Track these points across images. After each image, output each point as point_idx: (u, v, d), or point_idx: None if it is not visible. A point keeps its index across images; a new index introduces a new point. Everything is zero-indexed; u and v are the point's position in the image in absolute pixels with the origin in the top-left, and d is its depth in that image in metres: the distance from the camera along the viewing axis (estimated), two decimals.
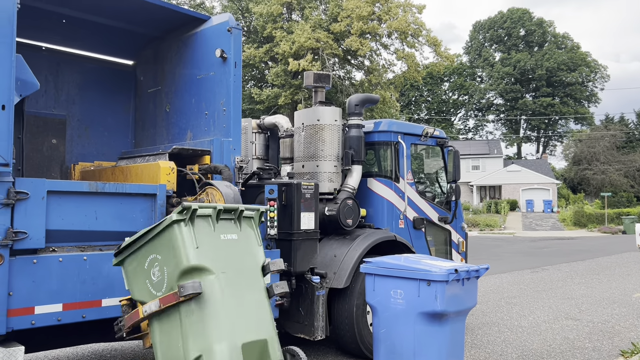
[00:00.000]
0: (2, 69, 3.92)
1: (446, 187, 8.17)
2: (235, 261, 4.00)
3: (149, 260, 3.89)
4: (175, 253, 3.73)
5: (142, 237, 3.93)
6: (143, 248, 3.93)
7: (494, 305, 10.22)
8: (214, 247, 3.89)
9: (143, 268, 3.93)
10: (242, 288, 3.95)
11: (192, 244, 3.75)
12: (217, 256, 3.87)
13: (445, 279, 4.83)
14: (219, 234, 3.98)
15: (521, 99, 70.34)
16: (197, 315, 3.65)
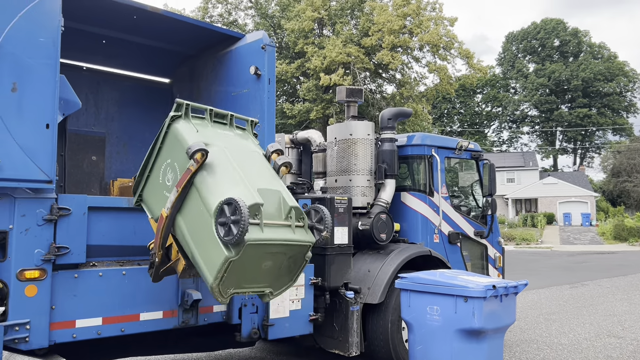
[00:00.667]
0: (47, 90, 4.06)
1: (481, 200, 8.05)
2: (236, 144, 4.27)
3: (162, 171, 4.13)
4: (181, 143, 3.94)
5: (149, 156, 4.23)
6: (155, 165, 4.20)
7: (532, 321, 9.97)
8: (213, 134, 4.18)
9: (158, 183, 4.16)
10: (247, 159, 4.19)
11: (193, 129, 4.06)
12: (218, 138, 4.15)
13: (482, 295, 4.76)
14: (216, 129, 4.29)
15: (556, 110, 69.04)
16: (211, 178, 3.81)
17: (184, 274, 4.11)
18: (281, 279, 4.09)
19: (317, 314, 5.71)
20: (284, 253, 3.92)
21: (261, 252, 3.73)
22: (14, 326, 3.87)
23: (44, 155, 4.01)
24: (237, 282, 3.76)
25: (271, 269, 3.93)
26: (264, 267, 3.86)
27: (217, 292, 3.67)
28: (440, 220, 7.20)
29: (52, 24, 4.12)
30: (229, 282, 3.68)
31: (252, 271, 3.81)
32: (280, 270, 4.01)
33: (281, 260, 3.95)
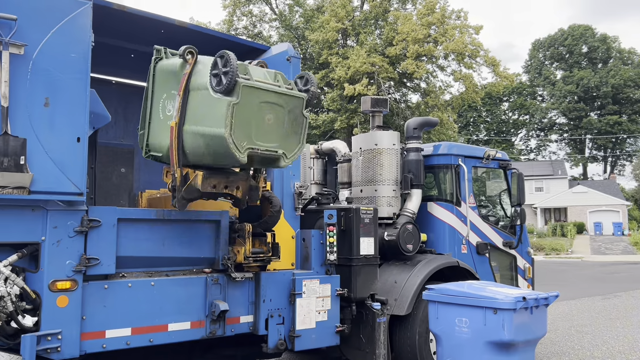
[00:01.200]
0: (78, 104, 4.17)
1: (510, 210, 7.94)
2: None
3: (161, 108, 4.56)
4: (169, 69, 4.49)
5: (145, 106, 4.71)
6: (152, 108, 4.64)
7: (564, 333, 9.75)
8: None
9: (160, 120, 4.56)
10: None
11: (175, 59, 4.51)
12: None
13: (512, 307, 4.68)
14: None
15: (585, 118, 67.81)
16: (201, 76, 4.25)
17: (206, 184, 4.30)
18: (289, 139, 4.39)
19: (343, 326, 5.68)
20: (281, 105, 4.28)
21: (257, 100, 4.12)
22: (46, 336, 3.96)
23: (75, 168, 4.10)
24: (247, 135, 4.07)
25: (275, 125, 4.26)
26: (267, 121, 4.21)
27: (232, 143, 3.96)
28: (468, 231, 7.11)
29: (83, 40, 4.22)
30: (239, 134, 4.00)
31: (257, 124, 4.14)
32: (284, 127, 4.33)
33: (282, 115, 4.29)
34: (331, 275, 5.67)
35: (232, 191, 4.57)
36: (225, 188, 4.51)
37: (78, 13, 4.19)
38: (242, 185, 4.64)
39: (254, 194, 4.77)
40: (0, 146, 3.80)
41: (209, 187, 4.37)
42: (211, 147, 4.12)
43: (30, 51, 3.99)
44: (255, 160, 4.32)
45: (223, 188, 4.50)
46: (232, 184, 4.56)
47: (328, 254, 5.60)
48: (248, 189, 4.70)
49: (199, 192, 4.36)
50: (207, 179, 4.33)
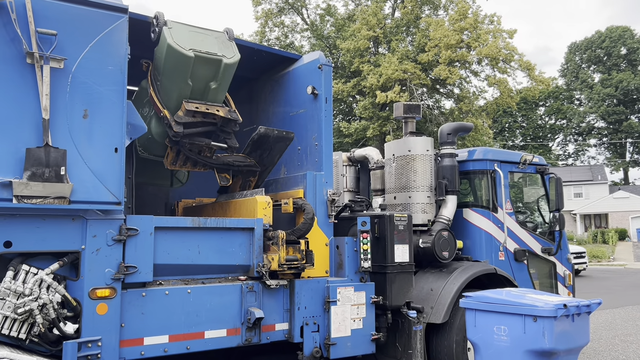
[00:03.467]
0: (115, 115, 4.27)
1: (548, 216, 7.76)
2: None
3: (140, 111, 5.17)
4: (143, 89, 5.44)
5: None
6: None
7: (607, 343, 9.43)
8: None
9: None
10: None
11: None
12: None
13: (553, 314, 4.56)
14: None
15: (626, 121, 65.84)
16: None
17: (190, 106, 4.97)
18: (225, 50, 5.08)
19: (379, 334, 5.62)
20: (206, 34, 5.06)
21: (186, 29, 4.95)
22: (87, 343, 4.04)
23: (113, 178, 4.19)
24: (186, 42, 4.83)
25: (208, 41, 5.01)
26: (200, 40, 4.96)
27: (176, 44, 4.74)
28: (505, 237, 6.97)
29: (120, 53, 4.33)
30: (180, 41, 4.79)
31: (192, 39, 4.89)
32: (217, 44, 5.04)
33: (211, 38, 5.06)
34: (366, 282, 5.63)
35: (214, 112, 5.12)
36: (207, 110, 5.09)
37: (114, 27, 4.31)
38: (221, 108, 5.20)
39: (234, 114, 5.28)
40: (42, 157, 3.91)
41: (193, 108, 4.99)
42: (167, 67, 4.90)
43: (70, 65, 4.11)
44: (204, 68, 4.94)
45: (205, 109, 5.08)
46: (212, 107, 5.14)
47: (362, 261, 5.57)
48: (228, 110, 5.23)
49: (186, 115, 4.99)
50: (189, 103, 4.99)
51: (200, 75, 4.96)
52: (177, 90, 5.00)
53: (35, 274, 3.99)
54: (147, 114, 5.36)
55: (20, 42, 3.92)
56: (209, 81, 5.05)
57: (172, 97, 5.06)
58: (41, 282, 3.99)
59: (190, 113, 5.01)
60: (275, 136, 5.52)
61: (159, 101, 5.11)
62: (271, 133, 5.48)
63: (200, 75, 4.96)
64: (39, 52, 3.96)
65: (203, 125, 5.18)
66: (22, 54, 3.95)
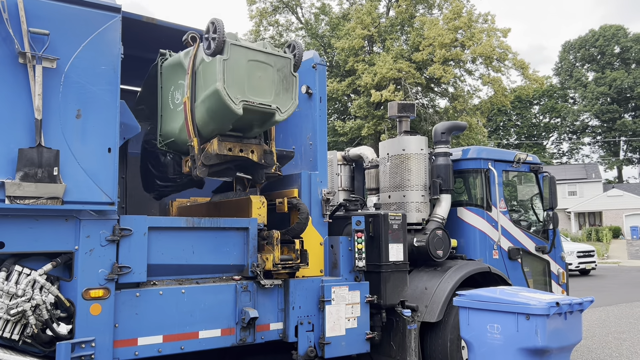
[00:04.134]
0: (109, 115, 4.25)
1: (542, 214, 7.79)
2: None
3: (170, 100, 5.05)
4: (175, 61, 5.01)
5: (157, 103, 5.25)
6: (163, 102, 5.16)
7: (601, 340, 9.48)
8: None
9: (170, 110, 5.08)
10: None
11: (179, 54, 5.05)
12: None
13: (546, 312, 4.58)
14: None
15: (619, 120, 66.16)
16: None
17: (222, 147, 4.67)
18: (281, 95, 4.73)
19: (373, 333, 5.64)
20: (269, 64, 4.66)
21: (246, 57, 4.53)
22: (80, 344, 4.03)
23: (107, 178, 4.18)
24: (240, 90, 4.43)
25: (266, 81, 4.62)
26: (258, 78, 4.58)
27: (226, 95, 4.35)
28: (499, 236, 7.00)
29: (113, 52, 4.32)
30: (233, 89, 4.38)
31: (248, 81, 4.52)
32: (275, 84, 4.69)
33: (271, 73, 4.66)
34: (360, 281, 5.64)
35: (248, 154, 4.85)
36: (241, 152, 4.83)
37: (107, 26, 4.29)
38: (256, 148, 4.95)
39: (268, 157, 5.07)
40: (35, 158, 3.89)
41: (225, 150, 4.70)
42: (210, 107, 4.54)
43: (62, 64, 4.09)
44: (252, 116, 4.63)
45: (238, 151, 4.81)
46: (246, 148, 4.88)
47: (357, 260, 5.57)
48: (262, 152, 5.01)
49: (216, 157, 4.65)
50: (222, 143, 4.70)
51: (246, 121, 4.67)
52: (214, 127, 4.69)
53: (28, 274, 3.98)
54: (179, 103, 4.94)
55: (13, 41, 3.91)
56: (254, 126, 4.83)
57: (206, 129, 4.71)
58: (34, 282, 3.97)
59: (221, 156, 4.69)
60: (277, 155, 5.52)
61: (192, 123, 4.70)
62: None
63: (245, 121, 4.67)
64: (31, 52, 3.95)
65: (232, 162, 4.95)
66: (15, 54, 3.93)
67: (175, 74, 5.07)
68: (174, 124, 5.03)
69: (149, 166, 5.66)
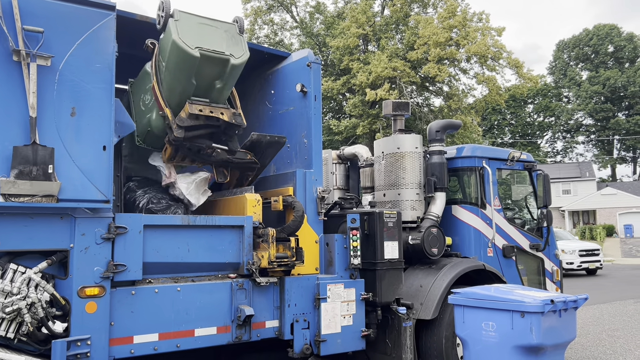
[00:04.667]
0: (104, 113, 4.25)
1: (536, 212, 7.83)
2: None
3: (141, 103, 5.27)
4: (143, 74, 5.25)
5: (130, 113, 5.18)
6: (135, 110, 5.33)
7: (595, 338, 9.54)
8: None
9: (142, 111, 5.23)
10: None
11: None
12: None
13: (540, 310, 4.60)
14: None
15: (613, 118, 66.48)
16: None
17: (193, 109, 4.84)
18: (233, 47, 4.96)
19: (369, 330, 5.65)
20: (215, 26, 4.94)
21: (194, 20, 4.80)
22: (76, 342, 4.02)
23: (102, 176, 4.18)
24: (193, 39, 4.66)
25: (216, 36, 4.88)
26: (208, 34, 4.84)
27: (181, 41, 4.57)
28: (494, 234, 7.03)
29: (107, 50, 4.32)
30: (186, 37, 4.62)
31: (199, 34, 4.75)
32: (225, 40, 4.93)
33: (219, 32, 4.94)
34: (355, 279, 5.66)
35: (218, 115, 4.97)
36: (211, 113, 4.94)
37: (102, 24, 4.29)
38: (225, 111, 5.09)
39: (238, 118, 5.16)
40: (30, 155, 3.89)
41: (196, 111, 4.86)
42: (171, 63, 4.74)
43: (57, 62, 4.09)
44: (211, 68, 4.83)
45: (209, 112, 4.93)
46: (216, 110, 5.00)
47: (352, 258, 5.59)
48: (232, 114, 5.12)
49: (189, 118, 4.84)
50: (192, 105, 4.87)
51: (206, 74, 4.85)
52: (180, 88, 4.88)
53: (23, 272, 3.97)
54: (149, 102, 5.16)
55: (7, 39, 3.90)
56: (215, 80, 4.94)
57: (174, 94, 4.92)
58: (29, 281, 3.97)
59: (193, 116, 4.86)
60: (267, 141, 5.50)
61: (161, 96, 4.93)
62: (263, 139, 5.46)
63: (205, 74, 4.85)
64: (25, 49, 3.94)
65: (205, 128, 5.05)
66: (9, 52, 3.93)
67: (142, 82, 5.31)
68: (147, 116, 5.17)
69: None
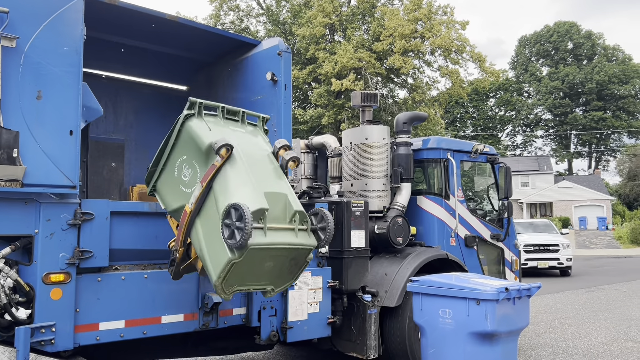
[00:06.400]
0: (70, 97, 4.16)
1: (497, 204, 8.05)
2: (247, 142, 4.31)
3: (177, 166, 4.22)
4: (196, 142, 4.05)
5: (163, 150, 4.31)
6: (169, 159, 4.28)
7: (548, 326, 9.91)
8: (226, 131, 4.22)
9: (174, 177, 4.25)
10: (257, 158, 4.24)
11: (206, 127, 4.12)
12: (230, 136, 4.12)
13: (495, 297, 4.74)
14: (228, 126, 4.33)
15: (571, 114, 68.48)
16: (224, 178, 3.91)
17: (204, 272, 4.13)
18: (283, 277, 4.22)
19: (335, 317, 5.74)
20: (285, 256, 4.04)
21: (264, 254, 3.85)
22: (40, 328, 3.96)
23: (68, 161, 4.10)
24: (239, 280, 3.90)
25: (273, 269, 4.04)
26: (266, 267, 3.99)
27: (221, 289, 3.85)
28: (457, 224, 7.21)
29: (75, 33, 4.22)
30: (231, 281, 3.84)
31: (254, 271, 3.94)
32: (281, 270, 4.13)
33: (283, 262, 4.08)
34: (323, 267, 5.73)
35: None
36: None
37: (70, 6, 4.19)
38: None
39: None
40: None
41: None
42: (204, 260, 3.95)
43: (22, 44, 3.97)
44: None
45: None
46: None
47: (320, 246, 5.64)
48: None
49: (197, 272, 4.38)
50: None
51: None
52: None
53: None
54: (187, 180, 4.17)
55: None
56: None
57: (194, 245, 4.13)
58: None
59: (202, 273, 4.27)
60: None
61: (184, 233, 4.06)
62: None
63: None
64: None
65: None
66: None
67: (192, 149, 4.17)
68: (172, 198, 4.31)
69: None
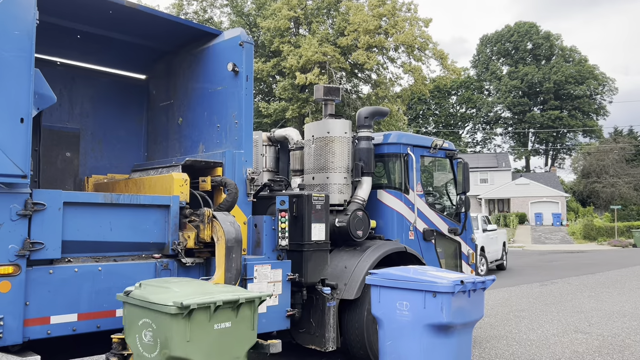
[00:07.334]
0: (22, 83, 4.02)
1: (455, 199, 8.19)
2: (225, 350, 4.02)
3: (142, 322, 3.98)
4: (168, 339, 3.78)
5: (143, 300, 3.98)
6: (141, 308, 3.99)
7: (502, 318, 10.16)
8: (206, 339, 3.90)
9: (137, 324, 4.02)
10: None
11: (184, 337, 3.77)
12: (208, 347, 3.90)
13: (451, 290, 4.83)
14: (213, 324, 3.95)
15: (529, 112, 70.23)
16: None
17: None
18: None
19: (294, 310, 5.74)
20: None
21: None
22: None
23: (18, 149, 3.97)
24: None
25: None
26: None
27: None
28: (415, 218, 7.30)
29: (27, 17, 4.07)
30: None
31: None
32: None
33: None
34: (282, 260, 5.72)
35: None
36: None
37: None
38: None
39: None
40: None
41: None
42: None
43: None
44: None
45: None
46: None
47: (280, 239, 5.64)
48: None
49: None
50: None
51: None
52: None
53: None
54: None
55: None
56: None
57: None
58: None
59: None
60: (200, 167, 5.53)
61: None
62: (197, 164, 5.47)
63: None
64: None
65: None
66: None
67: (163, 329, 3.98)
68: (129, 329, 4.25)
69: None
